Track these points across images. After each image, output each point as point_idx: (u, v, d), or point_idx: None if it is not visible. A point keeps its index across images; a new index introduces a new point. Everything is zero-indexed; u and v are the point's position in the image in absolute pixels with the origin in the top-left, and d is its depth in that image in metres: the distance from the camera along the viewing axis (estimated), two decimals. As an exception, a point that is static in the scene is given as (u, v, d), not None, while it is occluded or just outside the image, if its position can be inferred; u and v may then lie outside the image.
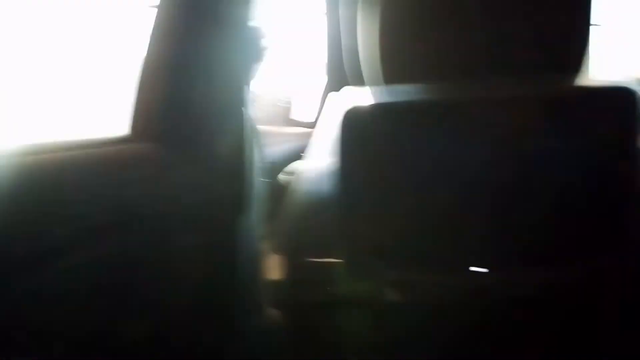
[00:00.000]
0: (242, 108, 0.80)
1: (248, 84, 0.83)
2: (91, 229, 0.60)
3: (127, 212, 0.65)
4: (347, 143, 0.59)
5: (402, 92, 0.65)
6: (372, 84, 0.67)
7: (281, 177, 0.97)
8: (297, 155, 1.04)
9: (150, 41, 0.76)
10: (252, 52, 0.79)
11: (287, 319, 0.85)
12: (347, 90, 0.68)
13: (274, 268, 0.82)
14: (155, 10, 0.78)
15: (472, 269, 0.62)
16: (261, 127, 1.51)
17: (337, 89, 0.87)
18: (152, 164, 0.72)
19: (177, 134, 0.74)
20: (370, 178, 0.61)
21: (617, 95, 0.57)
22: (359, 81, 0.71)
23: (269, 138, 1.16)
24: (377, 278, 0.67)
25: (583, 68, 0.65)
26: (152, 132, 0.72)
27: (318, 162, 0.66)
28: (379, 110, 0.60)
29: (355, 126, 0.59)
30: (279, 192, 0.85)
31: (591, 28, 0.64)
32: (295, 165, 0.73)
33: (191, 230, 0.74)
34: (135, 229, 0.66)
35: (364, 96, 0.65)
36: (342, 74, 0.96)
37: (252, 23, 0.77)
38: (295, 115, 1.77)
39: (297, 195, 0.67)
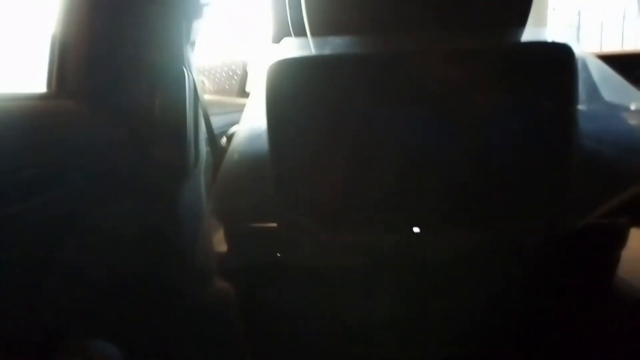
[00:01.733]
0: (182, 68, 0.77)
1: (189, 44, 0.79)
2: (12, 184, 0.57)
3: (47, 168, 0.62)
4: (272, 99, 0.57)
5: (333, 45, 0.62)
6: (313, 34, 0.65)
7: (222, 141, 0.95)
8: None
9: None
10: (189, 9, 0.75)
11: (233, 287, 0.83)
12: (283, 42, 0.65)
13: (216, 235, 0.80)
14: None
15: (407, 229, 0.61)
16: (213, 98, 1.47)
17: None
18: (72, 121, 0.68)
19: (101, 92, 0.70)
20: (298, 136, 0.58)
21: (553, 53, 0.56)
22: (302, 33, 0.68)
23: (221, 108, 1.13)
24: (313, 240, 0.65)
25: (524, 25, 0.64)
26: (72, 90, 0.68)
27: (253, 121, 0.64)
28: (303, 64, 0.57)
29: (279, 80, 0.56)
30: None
31: None
32: (234, 128, 0.70)
33: (124, 193, 0.71)
34: (59, 186, 0.63)
35: (293, 49, 0.62)
36: (286, 26, 0.93)
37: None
38: (250, 87, 1.74)
39: (232, 158, 0.64)
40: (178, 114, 0.77)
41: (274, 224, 0.64)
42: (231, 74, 1.72)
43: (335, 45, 0.62)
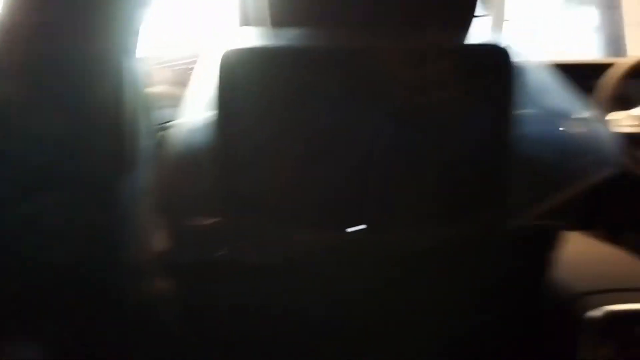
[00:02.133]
0: (122, 57, 0.74)
1: (131, 33, 0.77)
2: None
3: None
4: (223, 89, 0.56)
5: (292, 37, 0.62)
6: (273, 25, 0.64)
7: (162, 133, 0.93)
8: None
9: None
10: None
11: (175, 285, 0.81)
12: (240, 32, 0.64)
13: (158, 230, 0.78)
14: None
15: (353, 226, 0.61)
16: (171, 90, 1.44)
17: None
18: (4, 110, 0.65)
19: (35, 80, 0.67)
20: (247, 128, 0.58)
21: (491, 55, 0.57)
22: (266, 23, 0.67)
23: (166, 100, 1.11)
24: (257, 236, 0.65)
25: (469, 26, 0.65)
26: (4, 78, 0.65)
27: (194, 113, 0.62)
28: (255, 54, 0.57)
29: (230, 70, 0.55)
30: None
31: None
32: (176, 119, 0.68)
33: (57, 184, 0.68)
34: None
35: (246, 38, 0.61)
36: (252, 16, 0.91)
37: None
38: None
39: (170, 150, 0.62)
40: (117, 104, 0.74)
41: (217, 219, 0.62)
42: (193, 65, 1.68)
43: (293, 37, 0.61)
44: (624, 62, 1.41)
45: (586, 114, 0.67)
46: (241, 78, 0.56)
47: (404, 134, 0.58)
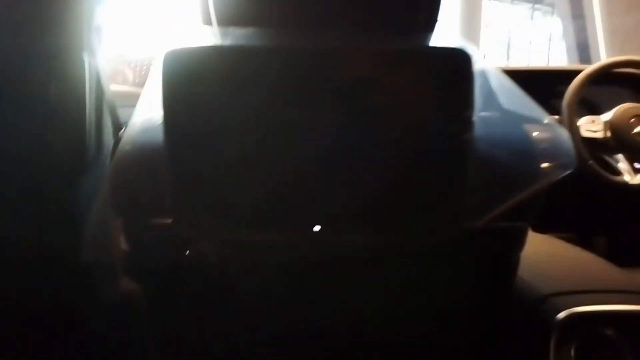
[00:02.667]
0: (82, 54, 0.72)
1: (91, 30, 0.75)
2: None
3: None
4: (167, 88, 0.54)
5: (234, 36, 0.60)
6: (220, 24, 0.63)
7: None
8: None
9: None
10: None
11: (140, 287, 0.79)
12: (189, 31, 0.63)
13: (117, 232, 0.76)
14: None
15: (307, 227, 0.60)
16: (134, 89, 1.41)
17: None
18: None
19: None
20: (194, 129, 0.56)
21: (451, 57, 0.57)
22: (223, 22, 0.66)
23: (128, 99, 1.08)
24: (212, 237, 0.63)
25: (431, 30, 0.65)
26: None
27: (148, 112, 0.61)
28: (198, 54, 0.55)
29: (173, 70, 0.54)
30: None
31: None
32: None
33: (13, 183, 0.66)
34: None
35: (192, 37, 0.60)
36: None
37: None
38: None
39: (124, 150, 0.60)
40: (76, 102, 0.72)
41: (171, 221, 0.61)
42: (141, 63, 1.66)
43: (241, 36, 0.60)
44: (587, 69, 1.44)
45: (543, 117, 0.67)
46: (182, 78, 0.55)
47: (361, 135, 0.57)
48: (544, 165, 0.63)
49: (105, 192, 0.78)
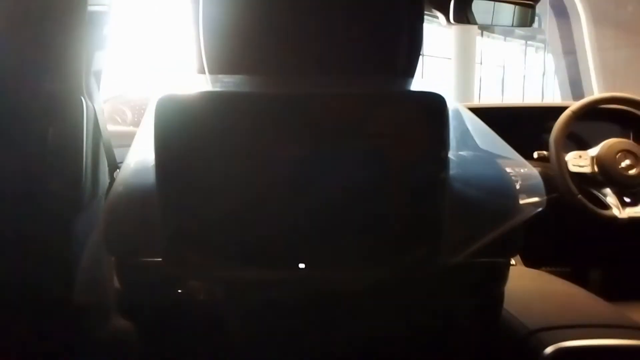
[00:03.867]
0: (80, 97, 0.75)
1: (90, 73, 0.78)
2: None
3: None
4: (159, 133, 0.57)
5: (224, 83, 0.63)
6: (211, 72, 0.66)
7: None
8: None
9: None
10: (91, 38, 0.75)
11: (133, 326, 0.80)
12: (182, 77, 0.66)
13: (111, 270, 0.77)
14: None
15: (293, 265, 0.62)
16: (132, 129, 1.45)
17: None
18: None
19: None
20: (185, 171, 0.59)
21: (427, 101, 0.60)
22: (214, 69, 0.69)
23: (125, 140, 1.11)
24: (203, 276, 0.65)
25: (411, 75, 0.68)
26: None
27: (142, 153, 0.63)
28: (189, 99, 0.58)
29: (165, 115, 0.57)
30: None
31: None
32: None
33: (13, 222, 0.68)
34: None
35: (184, 84, 0.63)
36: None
37: (93, 8, 0.73)
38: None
39: (117, 191, 0.63)
40: (74, 144, 0.75)
41: (163, 259, 0.62)
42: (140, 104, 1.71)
43: (231, 83, 0.63)
44: (572, 106, 1.48)
45: (515, 156, 0.70)
46: (175, 123, 0.57)
47: (343, 175, 0.59)
48: (517, 203, 0.65)
49: (99, 231, 0.80)
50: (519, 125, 1.74)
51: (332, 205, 0.60)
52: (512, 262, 1.50)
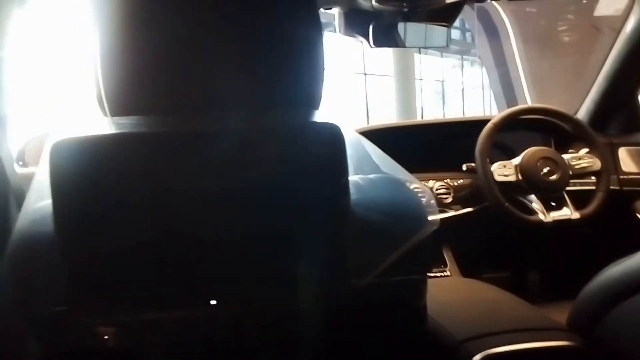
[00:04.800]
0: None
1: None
2: None
3: None
4: (56, 176, 0.56)
5: (121, 124, 0.63)
6: (112, 114, 0.65)
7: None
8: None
9: None
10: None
11: None
12: (72, 121, 0.65)
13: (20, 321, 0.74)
14: None
15: (196, 304, 0.61)
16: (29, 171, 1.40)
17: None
18: None
19: None
20: (83, 215, 0.58)
21: (324, 131, 0.61)
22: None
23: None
24: (108, 321, 0.63)
25: (316, 107, 0.69)
26: None
27: (37, 201, 0.62)
28: (85, 142, 0.58)
29: (58, 160, 0.56)
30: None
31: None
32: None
33: None
34: None
35: (80, 128, 0.62)
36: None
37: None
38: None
39: (17, 242, 0.61)
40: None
41: (66, 308, 0.61)
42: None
43: (130, 124, 0.63)
44: (494, 119, 1.55)
45: (410, 178, 0.72)
46: (69, 166, 0.56)
47: (245, 209, 0.60)
48: (423, 220, 0.67)
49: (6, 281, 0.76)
50: (449, 139, 1.81)
51: (236, 238, 0.60)
52: (448, 272, 1.55)
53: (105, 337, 0.64)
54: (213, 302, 0.59)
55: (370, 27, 1.33)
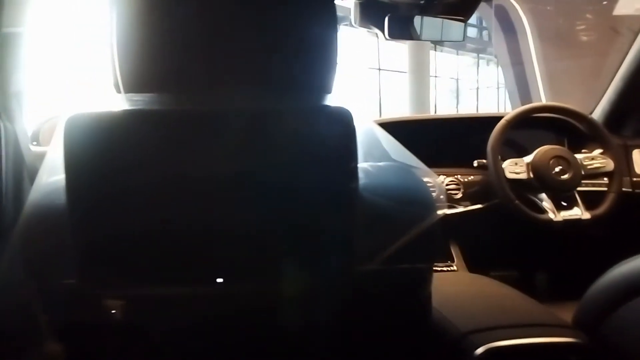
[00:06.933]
0: (2, 117, 0.74)
1: (9, 94, 0.77)
2: None
3: None
4: (69, 150, 0.57)
5: (136, 101, 0.63)
6: (126, 91, 0.66)
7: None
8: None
9: None
10: (8, 61, 0.74)
11: (65, 350, 0.78)
12: (87, 97, 0.65)
13: (33, 293, 0.75)
14: None
15: (209, 280, 0.62)
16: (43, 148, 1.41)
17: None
18: None
19: None
20: (96, 189, 0.58)
21: (335, 115, 0.62)
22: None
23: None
24: (118, 294, 0.64)
25: (328, 91, 0.69)
26: None
27: (51, 174, 0.62)
28: (97, 118, 0.58)
29: (73, 135, 0.56)
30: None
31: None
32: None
33: None
34: None
35: (94, 103, 0.63)
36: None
37: (8, 30, 0.72)
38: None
39: (30, 214, 0.62)
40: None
41: (77, 280, 0.62)
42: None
43: (144, 102, 0.63)
44: (507, 116, 1.53)
45: (416, 164, 0.72)
46: (83, 141, 0.57)
47: (255, 189, 0.60)
48: (432, 210, 0.67)
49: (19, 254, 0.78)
50: (462, 135, 1.80)
51: (246, 219, 0.61)
52: (454, 268, 1.54)
53: (114, 311, 0.65)
54: (219, 280, 0.60)
55: (386, 19, 1.32)
